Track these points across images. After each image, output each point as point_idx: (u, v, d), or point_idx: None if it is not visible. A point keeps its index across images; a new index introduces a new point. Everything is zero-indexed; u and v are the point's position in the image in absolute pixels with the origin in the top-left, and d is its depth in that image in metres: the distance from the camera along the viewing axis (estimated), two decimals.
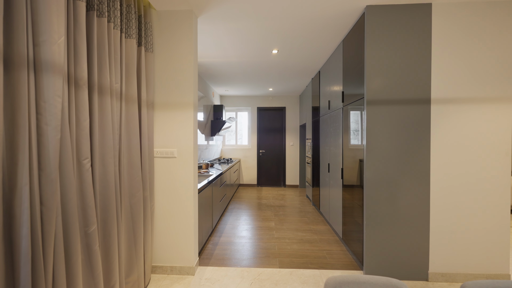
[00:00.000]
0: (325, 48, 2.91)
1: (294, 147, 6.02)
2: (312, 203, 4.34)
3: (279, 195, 5.14)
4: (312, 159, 4.28)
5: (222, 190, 3.65)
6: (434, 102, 1.98)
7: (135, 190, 1.73)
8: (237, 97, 6.11)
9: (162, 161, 2.07)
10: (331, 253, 2.48)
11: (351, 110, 2.39)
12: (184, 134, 2.06)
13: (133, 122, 1.73)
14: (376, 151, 2.01)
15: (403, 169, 2.00)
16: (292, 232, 3.06)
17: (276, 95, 5.97)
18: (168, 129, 2.07)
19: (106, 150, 1.42)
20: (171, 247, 2.07)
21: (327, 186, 3.27)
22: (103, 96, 1.41)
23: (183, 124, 2.06)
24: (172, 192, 2.06)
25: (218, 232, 3.08)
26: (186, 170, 2.05)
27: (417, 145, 1.99)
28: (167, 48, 2.05)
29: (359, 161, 2.19)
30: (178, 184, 2.06)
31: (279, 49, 2.96)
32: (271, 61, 3.41)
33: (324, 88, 3.47)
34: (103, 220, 1.42)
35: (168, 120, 2.07)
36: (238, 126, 6.24)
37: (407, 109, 1.99)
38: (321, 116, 3.63)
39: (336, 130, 2.86)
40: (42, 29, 0.99)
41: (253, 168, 6.09)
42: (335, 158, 2.91)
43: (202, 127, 4.33)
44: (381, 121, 2.01)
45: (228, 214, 3.84)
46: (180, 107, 2.05)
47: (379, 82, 2.00)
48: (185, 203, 2.06)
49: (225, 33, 2.56)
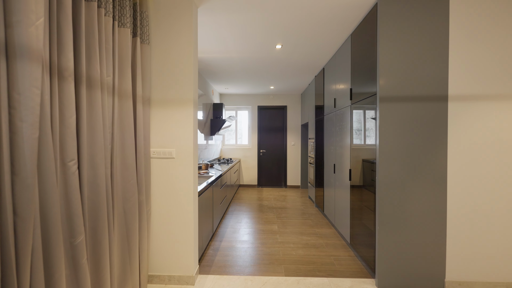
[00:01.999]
0: (331, 43, 2.77)
1: (296, 147, 5.88)
2: (315, 204, 4.21)
3: (281, 196, 5.00)
4: (315, 159, 4.14)
5: (223, 191, 3.50)
6: (452, 99, 1.84)
7: (130, 194, 1.58)
8: (237, 96, 5.96)
9: (159, 162, 1.92)
10: (339, 259, 2.35)
11: (360, 109, 2.25)
12: (183, 133, 1.91)
13: (127, 120, 1.57)
14: (389, 151, 1.87)
15: (418, 170, 1.86)
16: (296, 236, 2.92)
17: (277, 93, 5.83)
18: (166, 127, 1.92)
19: (96, 151, 1.27)
20: (169, 255, 1.92)
21: (333, 187, 3.13)
22: (92, 90, 1.26)
23: (182, 122, 1.91)
24: (170, 196, 1.91)
25: (219, 236, 2.93)
26: (186, 171, 1.91)
27: (434, 144, 1.86)
28: (165, 40, 1.90)
29: (369, 162, 2.06)
30: (177, 186, 1.91)
31: (283, 44, 2.82)
32: (274, 57, 3.26)
33: (329, 86, 3.34)
34: (93, 229, 1.27)
35: (166, 118, 1.91)
36: (238, 125, 6.09)
37: (423, 106, 1.86)
38: (326, 114, 3.49)
39: (343, 129, 2.72)
40: (16, 8, 0.84)
41: (253, 169, 5.95)
42: (341, 158, 2.77)
43: (201, 126, 4.17)
44: (395, 120, 1.87)
45: (228, 216, 3.69)
46: (179, 104, 1.90)
47: (393, 78, 1.86)
48: (185, 207, 1.91)
49: (227, 26, 2.41)
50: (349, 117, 2.52)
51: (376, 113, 1.91)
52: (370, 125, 2.05)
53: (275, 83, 4.75)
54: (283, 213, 3.86)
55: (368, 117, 2.09)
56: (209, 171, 3.46)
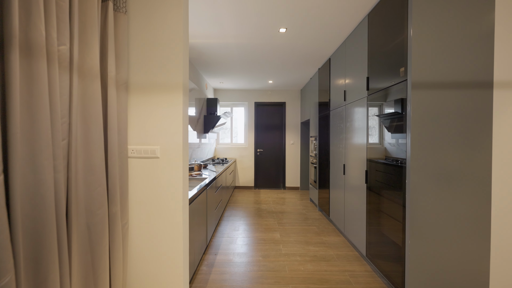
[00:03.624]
0: (343, 25, 2.43)
1: (295, 146, 5.55)
2: (318, 208, 3.88)
3: (280, 199, 4.65)
4: (319, 159, 3.81)
5: (218, 195, 3.12)
6: (498, 86, 1.53)
7: (97, 204, 1.19)
8: (233, 91, 5.58)
9: (140, 162, 1.53)
10: (355, 276, 2.01)
11: (379, 100, 1.92)
12: (170, 126, 1.52)
13: (94, 107, 1.19)
14: (423, 149, 1.55)
15: (456, 170, 1.54)
16: (302, 246, 2.58)
17: (275, 89, 5.48)
18: (149, 119, 1.53)
19: (40, 148, 0.88)
20: (153, 278, 1.54)
21: (341, 190, 2.80)
22: (33, 59, 0.87)
23: (169, 113, 1.53)
24: (154, 204, 1.53)
25: (214, 247, 2.55)
26: (174, 174, 1.53)
27: (475, 140, 1.54)
28: (147, 11, 1.51)
29: (391, 163, 1.73)
30: (162, 193, 1.53)
31: (287, 27, 2.47)
32: (276, 44, 2.91)
33: (336, 78, 3.01)
34: (34, 260, 0.88)
35: (148, 108, 1.53)
36: (233, 123, 5.71)
37: (462, 94, 1.54)
38: (332, 110, 3.16)
39: (356, 125, 2.39)
40: None
41: (250, 169, 5.58)
42: (354, 158, 2.44)
43: (193, 123, 3.78)
44: (431, 110, 1.54)
45: (224, 223, 3.31)
46: (166, 91, 1.52)
47: (428, 60, 1.54)
48: (173, 218, 1.53)
49: (224, 3, 2.04)
50: (365, 111, 2.19)
51: (404, 105, 1.58)
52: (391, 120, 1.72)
53: (274, 76, 4.40)
54: (284, 218, 3.52)
55: (389, 110, 1.76)
56: (202, 172, 3.08)
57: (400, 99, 1.65)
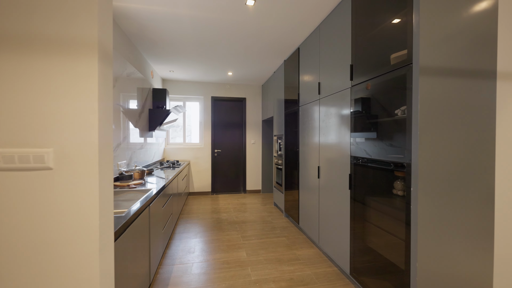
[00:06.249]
0: (321, 3, 2.09)
1: (256, 146, 5.14)
2: (285, 214, 3.53)
3: (241, 205, 4.16)
4: (285, 160, 3.47)
5: (167, 209, 2.45)
6: (501, 76, 1.35)
7: None
8: (186, 82, 4.84)
9: (11, 179, 0.84)
10: None
11: (366, 91, 1.62)
12: (75, 115, 0.88)
13: None
14: (433, 150, 1.26)
15: (463, 174, 1.31)
16: (274, 266, 2.14)
17: (235, 83, 4.96)
18: (32, 100, 0.85)
19: None
20: None
21: (315, 196, 2.47)
22: None
23: (74, 91, 0.87)
24: (44, 254, 0.86)
25: (161, 284, 1.90)
26: (82, 194, 0.88)
27: (476, 136, 1.34)
28: None
29: (383, 167, 1.43)
30: (59, 230, 0.87)
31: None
32: (241, 21, 2.40)
33: (307, 69, 2.67)
34: None
35: (31, 79, 0.85)
36: (187, 120, 4.97)
37: (460, 84, 1.31)
38: (302, 105, 2.83)
39: (335, 121, 2.07)
40: None
41: (206, 172, 4.93)
42: (332, 159, 2.12)
43: (134, 118, 2.98)
44: (440, 102, 1.27)
45: (175, 243, 2.65)
46: (66, 50, 0.87)
47: (436, 41, 1.26)
48: (80, 273, 0.88)
49: None
50: (348, 104, 1.88)
51: (412, 92, 1.28)
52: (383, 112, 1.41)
53: (235, 67, 3.88)
54: (248, 229, 3.04)
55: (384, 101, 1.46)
56: (145, 181, 2.37)
57: (400, 87, 1.35)
